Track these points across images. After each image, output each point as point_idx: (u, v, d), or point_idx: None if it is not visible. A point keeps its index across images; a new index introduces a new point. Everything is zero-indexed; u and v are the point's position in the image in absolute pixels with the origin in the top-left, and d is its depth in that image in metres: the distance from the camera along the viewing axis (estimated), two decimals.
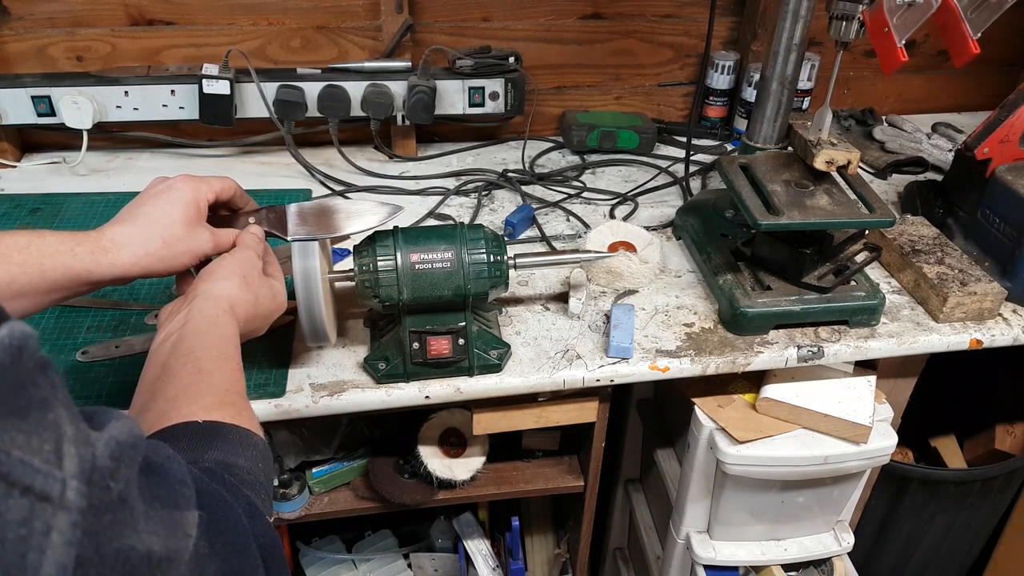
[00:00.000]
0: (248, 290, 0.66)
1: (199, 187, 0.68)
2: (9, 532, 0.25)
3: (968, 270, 0.97)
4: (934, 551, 1.36)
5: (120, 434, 0.33)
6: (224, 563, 0.40)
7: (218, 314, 0.61)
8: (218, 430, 0.51)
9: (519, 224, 1.09)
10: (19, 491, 0.26)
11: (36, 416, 0.27)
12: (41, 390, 0.28)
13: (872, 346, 0.91)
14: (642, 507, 1.26)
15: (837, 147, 0.89)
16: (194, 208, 0.67)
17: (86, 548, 0.28)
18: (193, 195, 0.67)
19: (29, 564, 0.25)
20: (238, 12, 1.22)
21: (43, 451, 0.27)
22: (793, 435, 0.93)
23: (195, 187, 0.67)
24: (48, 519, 0.26)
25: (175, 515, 0.36)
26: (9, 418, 0.26)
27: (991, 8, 0.81)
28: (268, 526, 0.47)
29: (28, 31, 1.18)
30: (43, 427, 0.28)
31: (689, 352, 0.88)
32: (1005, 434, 1.34)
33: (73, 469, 0.28)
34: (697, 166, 1.29)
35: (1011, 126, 1.00)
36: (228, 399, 0.54)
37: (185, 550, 0.35)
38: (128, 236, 0.63)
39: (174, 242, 0.65)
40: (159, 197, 0.66)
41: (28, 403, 0.27)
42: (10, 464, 0.26)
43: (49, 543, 0.26)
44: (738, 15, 1.38)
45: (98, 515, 0.29)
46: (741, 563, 1.05)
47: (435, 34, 1.29)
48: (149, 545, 0.32)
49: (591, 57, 1.36)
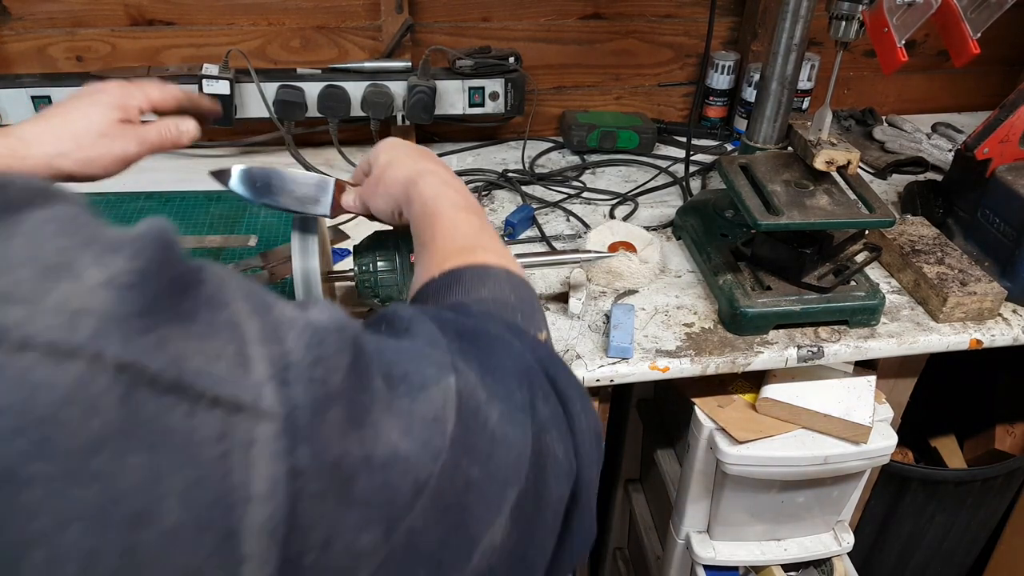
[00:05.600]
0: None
1: (130, 92, 0.62)
2: (205, 451, 0.22)
3: (968, 270, 0.97)
4: (934, 551, 1.36)
5: (320, 318, 0.28)
6: (504, 400, 0.34)
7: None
8: (455, 276, 0.46)
9: (519, 224, 1.09)
10: (206, 404, 0.22)
11: (205, 318, 0.24)
12: (206, 287, 0.25)
13: (872, 346, 0.91)
14: (642, 507, 1.26)
15: (837, 147, 0.89)
16: (120, 112, 0.61)
17: (299, 458, 0.24)
18: (121, 100, 0.61)
19: (235, 484, 0.22)
20: (238, 12, 1.22)
21: (224, 356, 0.23)
22: (793, 435, 0.93)
23: (125, 92, 0.62)
24: (247, 431, 0.23)
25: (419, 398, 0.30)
26: (174, 325, 0.23)
27: (991, 8, 0.81)
28: (537, 341, 0.42)
29: (28, 31, 1.18)
30: (217, 329, 0.24)
31: (689, 352, 0.88)
32: (1005, 434, 1.34)
33: (264, 371, 0.24)
34: (697, 166, 1.29)
35: (1011, 126, 1.00)
36: (457, 246, 0.50)
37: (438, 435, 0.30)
38: (38, 133, 0.58)
39: (88, 144, 0.59)
40: (81, 98, 0.61)
41: (193, 304, 0.24)
42: (189, 375, 0.22)
43: (253, 457, 0.23)
44: (738, 15, 1.38)
45: (307, 418, 0.25)
46: (741, 563, 1.05)
47: (435, 34, 1.29)
48: (380, 439, 0.27)
49: (591, 57, 1.36)
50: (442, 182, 0.57)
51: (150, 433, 0.21)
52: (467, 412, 0.32)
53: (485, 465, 0.31)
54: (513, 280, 0.47)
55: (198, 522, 0.21)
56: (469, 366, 0.35)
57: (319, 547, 0.24)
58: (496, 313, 0.43)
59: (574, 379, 0.41)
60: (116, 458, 0.20)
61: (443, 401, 0.31)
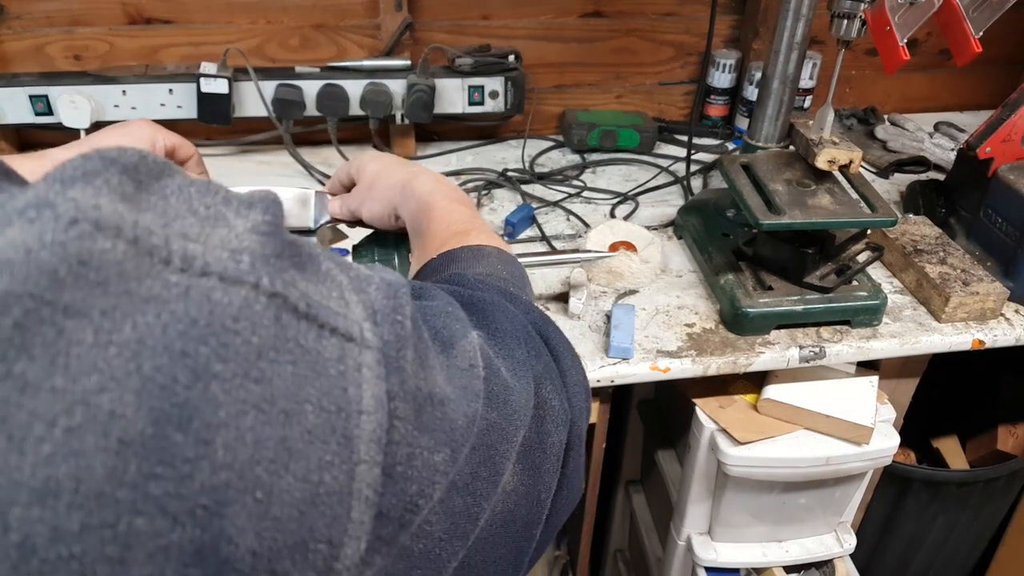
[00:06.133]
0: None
1: (159, 130, 0.65)
2: (330, 368, 0.26)
3: (970, 270, 0.97)
4: (936, 552, 1.36)
5: (387, 276, 0.33)
6: (506, 358, 0.40)
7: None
8: (451, 256, 0.52)
9: (519, 224, 1.09)
10: (328, 331, 0.27)
11: (312, 267, 0.28)
12: (305, 246, 0.29)
13: (874, 346, 0.91)
14: (643, 508, 1.26)
15: (839, 146, 0.88)
16: (148, 145, 0.63)
17: (393, 384, 0.29)
18: (150, 135, 0.64)
19: (352, 398, 0.27)
20: (236, 11, 1.21)
21: (332, 297, 0.28)
22: (795, 436, 0.92)
23: (154, 129, 0.65)
24: (357, 356, 0.27)
25: (452, 352, 0.36)
26: (296, 270, 0.27)
27: (993, 7, 0.81)
28: (529, 304, 0.47)
29: (26, 30, 1.17)
30: (322, 277, 0.28)
31: (690, 352, 0.88)
32: (1007, 435, 1.33)
33: (361, 312, 0.29)
34: (698, 165, 1.29)
35: (1013, 125, 1.00)
36: (452, 231, 0.55)
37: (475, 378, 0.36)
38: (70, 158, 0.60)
39: None
40: (114, 130, 0.64)
41: (302, 258, 0.28)
42: (315, 307, 0.27)
43: (363, 378, 0.27)
44: (739, 13, 1.38)
45: (394, 352, 0.29)
46: (742, 565, 1.05)
47: (434, 32, 1.28)
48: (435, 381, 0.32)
49: (591, 55, 1.36)
50: (434, 180, 0.61)
51: (294, 348, 0.25)
52: (487, 361, 0.38)
53: (502, 409, 0.37)
54: (504, 257, 0.53)
55: (328, 425, 0.26)
56: (477, 330, 0.40)
57: (405, 460, 0.29)
58: (490, 283, 0.48)
59: (564, 338, 0.47)
60: (273, 365, 0.24)
61: (472, 351, 0.37)
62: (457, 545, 0.34)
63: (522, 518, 0.39)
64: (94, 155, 0.25)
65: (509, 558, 0.39)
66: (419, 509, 0.30)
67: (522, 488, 0.39)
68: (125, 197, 0.24)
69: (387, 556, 0.29)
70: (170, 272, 0.23)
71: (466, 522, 0.34)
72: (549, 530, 0.43)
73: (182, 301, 0.23)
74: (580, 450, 0.44)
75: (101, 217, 0.22)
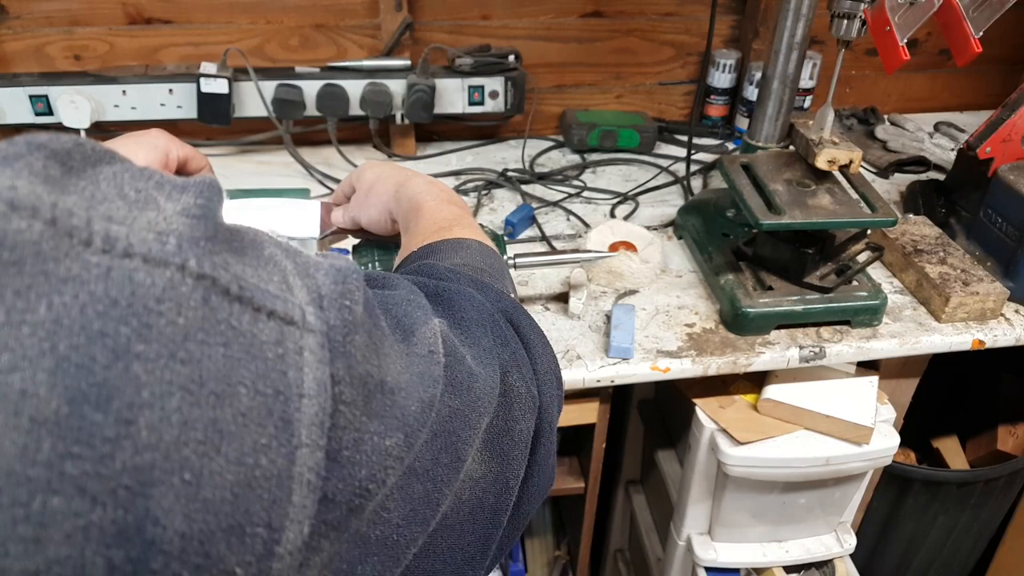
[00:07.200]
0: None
1: (172, 141, 0.66)
2: (267, 351, 0.26)
3: (970, 270, 0.97)
4: (936, 552, 1.36)
5: (337, 262, 0.33)
6: (472, 347, 0.40)
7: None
8: (431, 248, 0.52)
9: (519, 224, 1.09)
10: (265, 314, 0.27)
11: (253, 252, 0.28)
12: (247, 233, 0.29)
13: (874, 346, 0.91)
14: (643, 508, 1.26)
15: (839, 146, 0.88)
16: (162, 154, 0.64)
17: (339, 368, 0.29)
18: (164, 144, 0.65)
19: (291, 381, 0.27)
20: (236, 11, 1.21)
21: (272, 281, 0.28)
22: (795, 436, 0.92)
23: (168, 139, 0.65)
24: (298, 340, 0.27)
25: (412, 339, 0.36)
26: (230, 254, 0.27)
27: (993, 7, 0.81)
28: (501, 292, 0.48)
29: (25, 30, 1.17)
30: (263, 261, 0.28)
31: (690, 352, 0.88)
32: (1007, 435, 1.33)
33: (304, 296, 0.29)
34: (698, 165, 1.29)
35: (1013, 125, 1.00)
36: (436, 227, 0.56)
37: (435, 365, 0.35)
38: None
39: None
40: (127, 139, 0.64)
41: (241, 243, 0.28)
42: (250, 290, 0.26)
43: (304, 361, 0.27)
44: (739, 13, 1.38)
45: (340, 337, 0.29)
46: (742, 565, 1.05)
47: (434, 32, 1.28)
48: (389, 368, 0.32)
49: (591, 55, 1.35)
50: (427, 183, 0.62)
51: (225, 331, 0.25)
52: (450, 348, 0.38)
53: (465, 396, 0.37)
54: (484, 250, 0.53)
55: (264, 408, 0.26)
56: (440, 318, 0.40)
57: (352, 445, 0.29)
58: (462, 272, 0.48)
59: (536, 326, 0.47)
60: (202, 347, 0.24)
61: (433, 338, 0.37)
62: (417, 531, 0.34)
63: (490, 505, 0.40)
64: (20, 140, 0.25)
65: (476, 544, 0.39)
66: (370, 494, 0.30)
67: (490, 475, 0.40)
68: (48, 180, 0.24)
69: (337, 541, 0.29)
70: (90, 253, 0.23)
71: (426, 508, 0.34)
72: (520, 517, 0.43)
73: (102, 282, 0.23)
74: (551, 437, 0.44)
75: (16, 198, 0.22)
